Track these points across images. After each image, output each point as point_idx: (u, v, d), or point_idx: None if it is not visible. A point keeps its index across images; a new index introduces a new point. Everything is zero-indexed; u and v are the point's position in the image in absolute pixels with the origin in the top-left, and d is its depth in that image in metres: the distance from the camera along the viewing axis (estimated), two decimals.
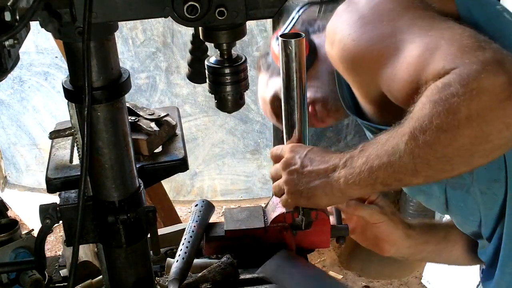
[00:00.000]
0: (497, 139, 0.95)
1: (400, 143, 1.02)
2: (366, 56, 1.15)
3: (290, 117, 1.29)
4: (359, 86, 1.26)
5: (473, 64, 0.96)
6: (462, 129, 0.95)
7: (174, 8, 0.98)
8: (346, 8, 1.22)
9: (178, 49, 3.92)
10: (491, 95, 0.93)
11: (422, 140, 0.98)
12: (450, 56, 1.00)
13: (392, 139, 1.04)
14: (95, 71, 1.05)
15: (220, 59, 1.11)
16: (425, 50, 1.05)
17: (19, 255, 1.45)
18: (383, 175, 1.05)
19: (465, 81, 0.95)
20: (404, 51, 1.08)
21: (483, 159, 0.99)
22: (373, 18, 1.16)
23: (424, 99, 0.99)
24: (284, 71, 1.23)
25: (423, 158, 1.00)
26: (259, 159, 4.20)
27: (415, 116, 1.00)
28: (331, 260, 3.65)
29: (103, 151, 1.11)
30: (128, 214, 1.15)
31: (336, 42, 1.21)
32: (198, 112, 4.12)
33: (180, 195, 4.35)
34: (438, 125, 0.96)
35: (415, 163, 1.01)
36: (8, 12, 0.86)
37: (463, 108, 0.94)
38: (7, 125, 4.33)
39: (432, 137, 0.97)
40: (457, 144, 0.96)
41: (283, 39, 1.20)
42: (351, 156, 1.12)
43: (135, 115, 1.50)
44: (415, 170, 1.02)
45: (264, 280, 1.38)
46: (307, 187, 1.18)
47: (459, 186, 1.30)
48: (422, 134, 0.98)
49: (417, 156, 1.00)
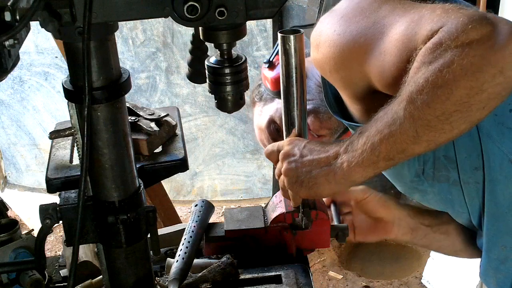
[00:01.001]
0: (491, 86, 0.98)
1: (399, 110, 1.03)
2: (353, 46, 1.17)
3: (289, 113, 1.29)
4: (346, 85, 1.27)
5: (459, 18, 1.00)
6: (457, 81, 0.97)
7: (174, 8, 0.98)
8: (328, 15, 1.25)
9: (178, 49, 3.92)
10: (481, 43, 0.97)
11: (420, 100, 1.00)
12: (436, 18, 1.03)
13: (390, 110, 1.06)
14: (95, 71, 1.05)
15: (220, 59, 1.12)
16: (410, 23, 1.08)
17: (19, 255, 1.45)
18: (386, 149, 1.06)
19: (454, 35, 0.98)
20: (389, 32, 1.11)
21: (480, 112, 1.01)
22: (355, 14, 1.19)
23: (417, 64, 1.02)
24: (284, 67, 1.24)
25: (423, 119, 1.01)
26: (259, 159, 4.20)
27: (410, 81, 1.02)
28: (331, 260, 3.65)
29: (103, 151, 1.11)
30: (128, 214, 1.15)
31: (321, 43, 1.23)
32: (198, 112, 4.12)
33: (180, 195, 4.35)
34: (433, 82, 0.99)
35: (415, 126, 1.02)
36: (8, 12, 0.86)
37: (456, 60, 0.97)
38: (7, 125, 4.33)
39: (430, 95, 0.99)
40: (454, 97, 0.98)
41: (282, 35, 1.21)
42: (351, 141, 1.14)
43: (135, 115, 1.50)
44: (416, 136, 1.03)
45: (264, 280, 1.38)
46: (309, 176, 1.19)
47: (444, 179, 1.33)
48: (419, 95, 1.00)
49: (417, 119, 1.02)
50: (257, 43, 3.80)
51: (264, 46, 3.78)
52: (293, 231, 1.46)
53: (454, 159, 1.29)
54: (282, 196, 1.41)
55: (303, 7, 3.20)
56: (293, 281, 1.37)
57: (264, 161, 4.20)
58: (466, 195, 1.33)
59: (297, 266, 1.43)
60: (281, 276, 1.39)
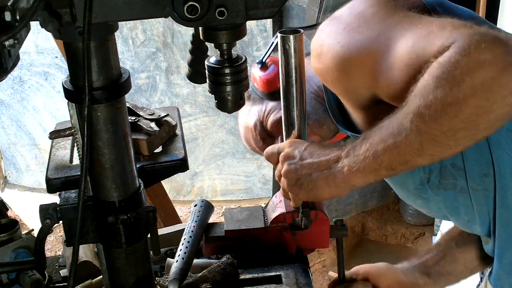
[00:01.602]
0: (500, 107, 0.97)
1: (405, 122, 1.02)
2: (357, 58, 1.16)
3: (289, 114, 1.29)
4: (349, 95, 1.26)
5: (472, 36, 0.98)
6: (467, 100, 0.96)
7: (174, 8, 0.98)
8: (329, 23, 1.23)
9: (178, 49, 3.92)
10: (493, 64, 0.95)
11: (428, 115, 0.99)
12: (447, 34, 1.02)
13: (395, 120, 1.05)
14: (95, 71, 1.05)
15: (220, 59, 1.11)
16: (418, 37, 1.06)
17: (19, 255, 1.45)
18: (389, 158, 1.06)
19: (466, 52, 0.96)
20: (395, 46, 1.10)
21: (487, 131, 1.01)
22: (358, 24, 1.17)
23: (427, 76, 1.00)
24: (283, 67, 1.24)
25: (429, 134, 1.00)
26: (259, 159, 4.20)
27: (419, 94, 1.01)
28: (331, 260, 3.65)
29: (103, 151, 1.11)
30: (128, 214, 1.15)
31: (323, 53, 1.21)
32: (198, 112, 4.12)
33: (180, 195, 4.35)
34: (443, 99, 0.97)
35: (421, 140, 1.01)
36: (8, 12, 0.86)
37: (467, 79, 0.95)
38: (7, 125, 4.33)
39: (438, 111, 0.98)
40: (463, 115, 0.97)
41: (282, 35, 1.20)
42: (353, 146, 1.13)
43: (135, 115, 1.50)
44: (421, 149, 1.02)
45: (264, 280, 1.38)
46: (308, 179, 1.18)
47: (451, 187, 1.32)
48: (427, 109, 0.99)
49: (423, 132, 1.01)
50: (257, 43, 3.80)
51: (264, 46, 3.78)
52: (293, 231, 1.46)
53: (462, 167, 1.28)
54: (282, 196, 1.41)
55: (303, 7, 3.20)
56: (293, 281, 1.37)
57: (264, 161, 4.17)
58: (474, 202, 1.32)
59: (297, 266, 1.43)
60: (281, 276, 1.39)
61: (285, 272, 1.40)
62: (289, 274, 1.39)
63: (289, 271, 1.40)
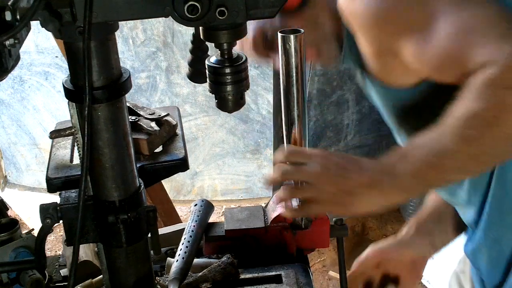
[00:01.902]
0: None
1: (449, 144, 1.02)
2: (392, 18, 1.15)
3: (289, 114, 1.29)
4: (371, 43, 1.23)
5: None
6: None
7: (175, 8, 0.98)
8: None
9: (179, 49, 3.92)
10: None
11: (472, 137, 0.99)
12: (489, 44, 1.01)
13: (437, 141, 1.04)
14: (96, 71, 1.05)
15: (220, 58, 1.12)
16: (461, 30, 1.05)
17: (19, 255, 1.45)
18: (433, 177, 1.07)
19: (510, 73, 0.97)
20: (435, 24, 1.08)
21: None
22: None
23: (470, 96, 1.00)
24: (284, 67, 1.23)
25: (473, 155, 1.01)
26: (259, 159, 4.20)
27: (463, 116, 1.01)
28: (331, 260, 3.65)
29: (104, 150, 1.11)
30: (128, 214, 1.15)
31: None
32: (198, 111, 4.11)
33: (180, 194, 4.35)
34: (488, 120, 0.98)
35: (464, 162, 1.02)
36: (9, 12, 0.86)
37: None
38: (7, 124, 4.32)
39: (483, 133, 0.99)
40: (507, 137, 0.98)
41: (282, 35, 1.20)
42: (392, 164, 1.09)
43: (135, 114, 1.50)
44: (464, 169, 1.04)
45: (264, 279, 1.38)
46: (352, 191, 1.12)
47: None
48: (472, 130, 0.99)
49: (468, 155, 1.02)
50: None
51: None
52: (293, 231, 1.46)
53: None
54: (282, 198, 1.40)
55: None
56: (293, 281, 1.37)
57: (265, 161, 4.19)
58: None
59: (297, 266, 1.43)
60: (281, 276, 1.39)
61: (285, 272, 1.40)
62: (289, 274, 1.39)
63: (289, 270, 1.40)
